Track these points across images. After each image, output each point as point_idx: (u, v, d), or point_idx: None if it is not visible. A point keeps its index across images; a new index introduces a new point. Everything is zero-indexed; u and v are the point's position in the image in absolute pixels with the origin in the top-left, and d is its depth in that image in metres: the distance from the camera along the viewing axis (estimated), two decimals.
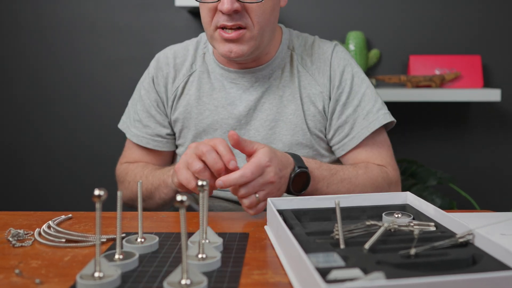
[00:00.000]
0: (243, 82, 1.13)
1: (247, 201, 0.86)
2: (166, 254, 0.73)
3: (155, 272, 0.67)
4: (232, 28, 1.01)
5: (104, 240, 0.79)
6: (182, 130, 1.17)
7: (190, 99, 1.15)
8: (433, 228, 0.75)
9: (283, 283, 0.64)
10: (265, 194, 0.87)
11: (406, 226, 0.75)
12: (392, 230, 0.74)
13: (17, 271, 0.67)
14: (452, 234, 0.71)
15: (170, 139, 1.19)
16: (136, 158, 1.20)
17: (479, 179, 2.09)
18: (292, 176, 0.92)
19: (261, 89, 1.13)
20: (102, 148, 2.10)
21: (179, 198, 0.59)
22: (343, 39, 2.01)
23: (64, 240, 0.79)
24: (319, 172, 0.98)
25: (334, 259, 0.62)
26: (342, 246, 0.68)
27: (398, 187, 1.13)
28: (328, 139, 1.15)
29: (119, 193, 0.69)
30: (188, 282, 0.60)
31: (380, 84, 1.99)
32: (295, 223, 0.78)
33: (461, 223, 0.72)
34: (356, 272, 0.58)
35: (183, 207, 0.59)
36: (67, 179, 2.13)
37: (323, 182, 0.99)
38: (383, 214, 0.83)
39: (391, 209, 0.86)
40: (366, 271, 0.59)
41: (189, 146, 0.90)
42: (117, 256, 0.68)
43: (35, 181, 2.14)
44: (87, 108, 2.10)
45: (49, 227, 0.85)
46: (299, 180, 0.95)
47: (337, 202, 0.72)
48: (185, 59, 1.18)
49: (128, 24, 2.06)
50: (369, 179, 1.05)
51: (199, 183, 0.68)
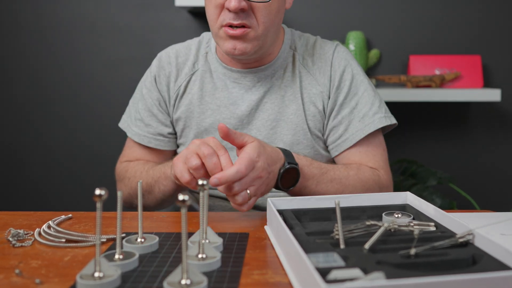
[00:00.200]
0: (246, 81, 1.13)
1: (240, 198, 0.85)
2: (166, 254, 0.73)
3: (155, 272, 0.67)
4: (237, 27, 1.01)
5: (104, 240, 0.79)
6: (184, 129, 1.17)
7: (192, 98, 1.15)
8: (433, 228, 0.75)
9: (283, 283, 0.64)
10: (255, 189, 0.87)
11: (406, 226, 0.75)
12: (392, 230, 0.74)
13: (17, 271, 0.67)
14: (452, 234, 0.71)
15: (171, 138, 1.19)
16: (137, 156, 1.20)
17: (479, 179, 2.09)
18: (281, 172, 0.92)
19: (263, 89, 1.13)
20: (102, 148, 2.10)
21: (181, 197, 0.59)
22: (343, 39, 2.01)
23: (64, 240, 0.79)
24: (309, 170, 0.98)
25: (334, 259, 0.62)
26: (342, 246, 0.68)
27: (389, 191, 1.12)
28: (324, 139, 1.15)
29: (119, 193, 0.69)
30: (188, 282, 0.60)
31: (380, 84, 1.99)
32: (295, 223, 0.78)
33: (461, 223, 0.72)
34: (356, 272, 0.58)
35: (185, 207, 0.59)
36: (67, 179, 2.13)
37: (312, 180, 0.99)
38: (383, 214, 0.83)
39: (391, 209, 0.86)
40: (366, 271, 0.59)
41: (192, 141, 0.89)
42: (117, 256, 0.68)
43: (35, 181, 2.14)
44: (87, 108, 2.10)
45: (49, 227, 0.85)
46: (289, 176, 0.94)
47: (337, 202, 0.72)
48: (187, 58, 1.18)
49: (128, 24, 2.06)
50: (359, 180, 1.04)
51: (199, 182, 0.67)
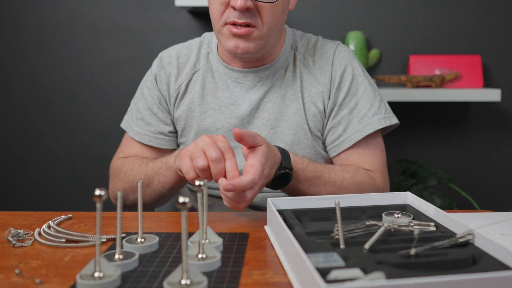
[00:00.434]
0: (246, 81, 1.13)
1: (244, 203, 0.86)
2: (166, 254, 0.73)
3: (155, 272, 0.67)
4: (241, 25, 1.01)
5: (104, 240, 0.79)
6: (184, 129, 1.17)
7: (193, 98, 1.15)
8: (433, 228, 0.75)
9: (283, 283, 0.64)
10: (257, 192, 0.87)
11: (406, 226, 0.75)
12: (392, 230, 0.74)
13: (17, 271, 0.67)
14: (452, 234, 0.71)
15: (172, 137, 1.19)
16: (134, 153, 1.19)
17: (479, 179, 2.09)
18: (275, 176, 0.93)
19: (264, 89, 1.13)
20: (102, 148, 2.10)
21: (181, 200, 0.59)
22: (343, 39, 2.01)
23: (64, 240, 0.79)
24: (302, 173, 0.99)
25: (334, 259, 0.62)
26: (342, 246, 0.68)
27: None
28: (323, 139, 1.15)
29: (119, 193, 0.69)
30: (188, 282, 0.60)
31: (380, 84, 1.99)
32: (295, 223, 0.78)
33: (461, 223, 0.72)
34: (356, 272, 0.58)
35: (185, 209, 0.59)
36: (67, 179, 2.13)
37: (305, 183, 1.00)
38: (383, 214, 0.83)
39: (391, 209, 0.86)
40: (366, 271, 0.59)
41: (201, 137, 0.88)
42: (117, 256, 0.68)
43: (35, 181, 2.14)
44: (87, 108, 2.10)
45: (49, 227, 0.85)
46: (280, 180, 0.95)
47: (337, 202, 0.72)
48: (188, 59, 1.18)
49: (128, 24, 2.06)
50: (355, 184, 1.04)
51: (197, 183, 0.67)
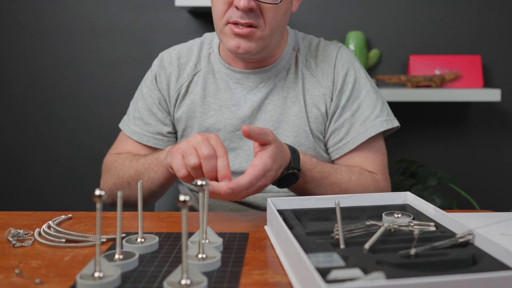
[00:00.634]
0: (248, 82, 1.13)
1: (237, 199, 0.85)
2: (166, 254, 0.73)
3: (155, 272, 0.67)
4: (243, 25, 1.01)
5: (104, 240, 0.79)
6: (185, 129, 1.17)
7: (194, 98, 1.15)
8: (433, 228, 0.75)
9: (283, 283, 0.64)
10: (264, 186, 0.87)
11: (406, 226, 0.75)
12: (392, 230, 0.74)
13: (17, 271, 0.67)
14: (452, 234, 0.71)
15: (171, 138, 1.19)
16: (129, 149, 1.18)
17: (479, 179, 2.09)
18: (282, 175, 0.92)
19: (266, 90, 1.13)
20: (102, 148, 2.08)
21: (182, 198, 0.59)
22: (343, 39, 2.01)
23: (64, 240, 0.79)
24: (310, 174, 0.99)
25: (334, 259, 0.62)
26: (342, 246, 0.68)
27: None
28: (325, 141, 1.15)
29: (119, 193, 0.69)
30: (188, 282, 0.60)
31: (380, 84, 1.99)
32: (295, 223, 0.78)
33: (461, 223, 0.72)
34: (356, 272, 0.58)
35: (186, 207, 0.59)
36: (67, 179, 2.13)
37: (311, 184, 1.00)
38: (383, 214, 0.83)
39: (391, 209, 0.86)
40: (366, 271, 0.59)
41: (194, 135, 0.88)
42: (117, 256, 0.68)
43: (35, 181, 2.14)
44: (87, 108, 2.10)
45: (49, 227, 0.85)
46: (286, 179, 0.95)
47: (337, 202, 0.72)
48: (189, 59, 1.18)
49: (128, 24, 2.06)
50: (361, 186, 1.05)
51: (199, 182, 0.67)
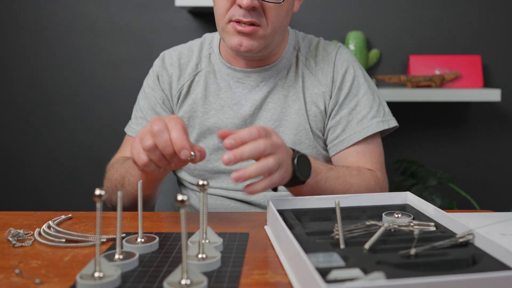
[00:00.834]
0: (249, 81, 1.14)
1: (265, 165, 0.79)
2: (166, 254, 0.73)
3: (155, 272, 0.67)
4: (245, 24, 1.01)
5: (104, 240, 0.79)
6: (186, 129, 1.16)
7: (196, 98, 1.15)
8: (433, 228, 0.75)
9: (283, 283, 0.64)
10: (278, 159, 0.81)
11: (406, 226, 0.75)
12: (392, 230, 0.74)
13: (17, 271, 0.67)
14: (452, 234, 0.71)
15: None
16: None
17: (479, 179, 2.09)
18: (295, 162, 0.88)
19: (267, 89, 1.13)
20: (102, 148, 2.10)
21: (180, 197, 0.58)
22: (343, 39, 2.01)
23: (64, 240, 0.79)
24: (316, 165, 0.97)
25: (334, 259, 0.62)
26: (342, 246, 0.68)
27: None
28: (324, 138, 1.16)
29: (119, 193, 0.69)
30: (188, 282, 0.60)
31: (380, 84, 1.99)
32: (295, 223, 0.78)
33: (461, 223, 0.72)
34: (356, 272, 0.58)
35: (184, 207, 0.59)
36: (67, 179, 2.13)
37: (321, 175, 0.98)
38: (383, 214, 0.83)
39: (391, 209, 0.86)
40: (366, 271, 0.59)
41: (150, 120, 0.83)
42: (117, 256, 0.68)
43: (35, 181, 2.14)
44: (87, 108, 2.10)
45: (49, 227, 0.85)
46: (302, 165, 0.90)
47: (337, 202, 0.72)
48: (189, 59, 1.18)
49: (128, 24, 2.06)
50: (362, 180, 1.05)
51: (200, 182, 0.67)
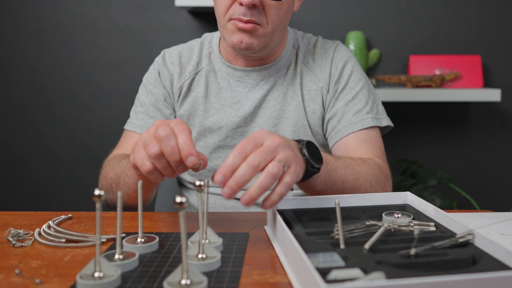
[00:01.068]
0: (249, 80, 1.15)
1: (267, 175, 0.71)
2: (166, 254, 0.73)
3: (155, 272, 0.67)
4: (246, 22, 1.02)
5: (104, 240, 0.79)
6: None
7: (197, 97, 1.16)
8: (433, 228, 0.75)
9: (283, 283, 0.64)
10: (285, 156, 0.74)
11: (406, 226, 0.75)
12: (392, 230, 0.74)
13: (17, 271, 0.67)
14: (452, 234, 0.71)
15: None
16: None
17: (479, 179, 2.09)
18: (305, 151, 0.82)
19: (267, 87, 1.14)
20: (102, 148, 2.09)
21: (178, 199, 0.58)
22: (343, 39, 2.01)
23: (64, 240, 0.79)
24: (323, 155, 0.90)
25: (334, 259, 0.62)
26: (342, 246, 0.68)
27: (391, 182, 1.10)
28: (324, 133, 1.16)
29: (119, 193, 0.69)
30: (188, 282, 0.60)
31: (380, 84, 1.99)
32: (295, 223, 0.78)
33: (461, 223, 0.72)
34: (356, 272, 0.58)
35: (183, 209, 0.59)
36: (67, 179, 2.13)
37: (331, 165, 0.93)
38: (383, 214, 0.83)
39: (391, 209, 0.86)
40: (366, 271, 0.59)
41: (154, 123, 0.79)
42: (117, 256, 0.68)
43: (35, 181, 2.14)
44: (87, 108, 2.10)
45: (49, 227, 0.85)
46: (313, 150, 0.85)
47: (337, 202, 0.72)
48: (190, 58, 1.19)
49: (128, 24, 2.06)
50: (369, 168, 1.03)
51: (197, 183, 0.67)
